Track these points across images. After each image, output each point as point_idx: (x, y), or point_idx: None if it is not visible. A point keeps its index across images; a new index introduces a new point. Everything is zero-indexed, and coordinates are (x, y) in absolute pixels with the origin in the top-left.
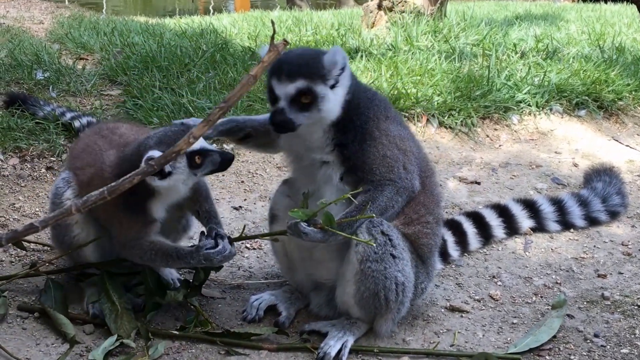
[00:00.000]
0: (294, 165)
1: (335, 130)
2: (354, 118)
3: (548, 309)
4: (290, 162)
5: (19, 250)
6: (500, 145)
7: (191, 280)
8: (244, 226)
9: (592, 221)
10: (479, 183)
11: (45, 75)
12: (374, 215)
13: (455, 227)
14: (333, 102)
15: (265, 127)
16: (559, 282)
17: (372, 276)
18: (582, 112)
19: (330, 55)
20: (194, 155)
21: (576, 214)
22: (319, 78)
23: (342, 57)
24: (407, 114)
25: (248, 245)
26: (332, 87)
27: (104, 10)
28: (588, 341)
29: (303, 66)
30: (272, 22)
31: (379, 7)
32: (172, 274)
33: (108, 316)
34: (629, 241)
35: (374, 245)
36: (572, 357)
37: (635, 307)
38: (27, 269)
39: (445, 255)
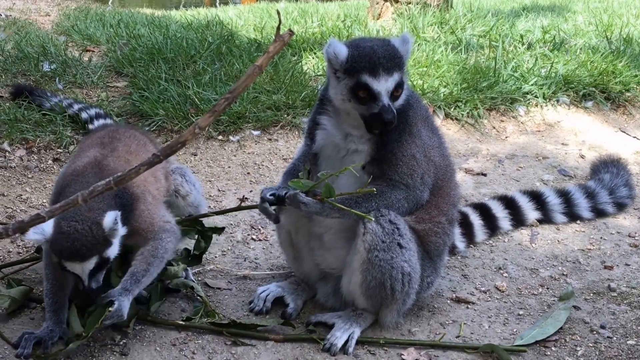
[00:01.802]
0: (322, 160)
1: None
2: (401, 106)
3: (554, 300)
4: (322, 155)
5: (26, 241)
6: (506, 137)
7: (192, 250)
8: (243, 196)
9: (599, 213)
10: (485, 174)
11: (52, 67)
12: (374, 189)
13: (461, 218)
14: (406, 88)
15: (308, 154)
16: (565, 273)
17: (379, 265)
18: (589, 104)
19: (404, 43)
20: None
21: (583, 205)
22: (404, 67)
23: (411, 43)
24: None
25: (254, 237)
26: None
27: (110, 3)
28: (594, 332)
29: (393, 58)
30: (278, 13)
31: None
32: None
33: None
34: (635, 233)
35: (372, 219)
36: (578, 348)
37: None
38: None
39: (451, 247)
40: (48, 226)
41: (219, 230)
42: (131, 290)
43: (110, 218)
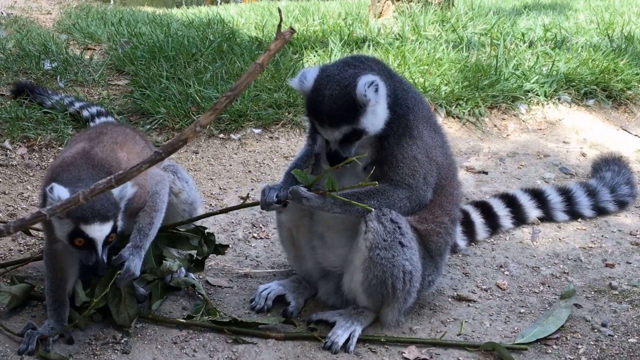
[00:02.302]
0: (323, 161)
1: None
2: (399, 112)
3: (555, 298)
4: (323, 159)
5: (27, 239)
6: (508, 135)
7: (195, 255)
8: (247, 195)
9: (600, 211)
10: (486, 173)
11: (53, 65)
12: (376, 182)
13: (462, 216)
14: (376, 120)
15: (310, 154)
16: (566, 271)
17: (380, 264)
18: (591, 102)
19: (361, 90)
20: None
21: (584, 203)
22: (360, 114)
23: (373, 88)
24: None
25: (255, 235)
26: (373, 109)
27: (111, 1)
28: (595, 331)
29: (341, 111)
30: (279, 10)
31: None
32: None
33: (111, 299)
34: (637, 231)
35: (373, 210)
36: (579, 346)
37: None
38: (38, 255)
39: (452, 245)
40: (64, 192)
41: (224, 247)
42: (141, 246)
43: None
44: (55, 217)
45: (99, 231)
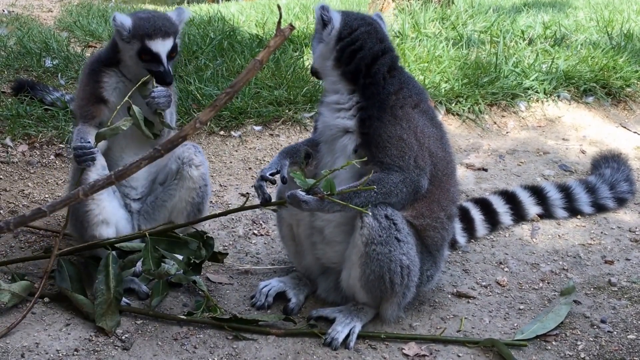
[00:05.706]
0: (321, 145)
1: (360, 95)
2: (377, 86)
3: (555, 295)
4: (321, 141)
5: (28, 236)
6: (507, 132)
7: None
8: (247, 195)
9: (600, 208)
10: (486, 170)
11: (54, 62)
12: (374, 187)
13: (462, 213)
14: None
15: (311, 141)
16: (565, 268)
17: (377, 259)
18: (590, 99)
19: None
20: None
21: (583, 200)
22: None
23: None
24: None
25: (255, 232)
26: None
27: None
28: (595, 327)
29: None
30: (279, 7)
31: None
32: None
33: (99, 298)
34: (636, 228)
35: (369, 214)
36: (578, 343)
37: None
38: (39, 252)
39: (452, 242)
40: (127, 20)
41: (223, 255)
42: None
43: (176, 12)
44: (123, 43)
45: (162, 45)
